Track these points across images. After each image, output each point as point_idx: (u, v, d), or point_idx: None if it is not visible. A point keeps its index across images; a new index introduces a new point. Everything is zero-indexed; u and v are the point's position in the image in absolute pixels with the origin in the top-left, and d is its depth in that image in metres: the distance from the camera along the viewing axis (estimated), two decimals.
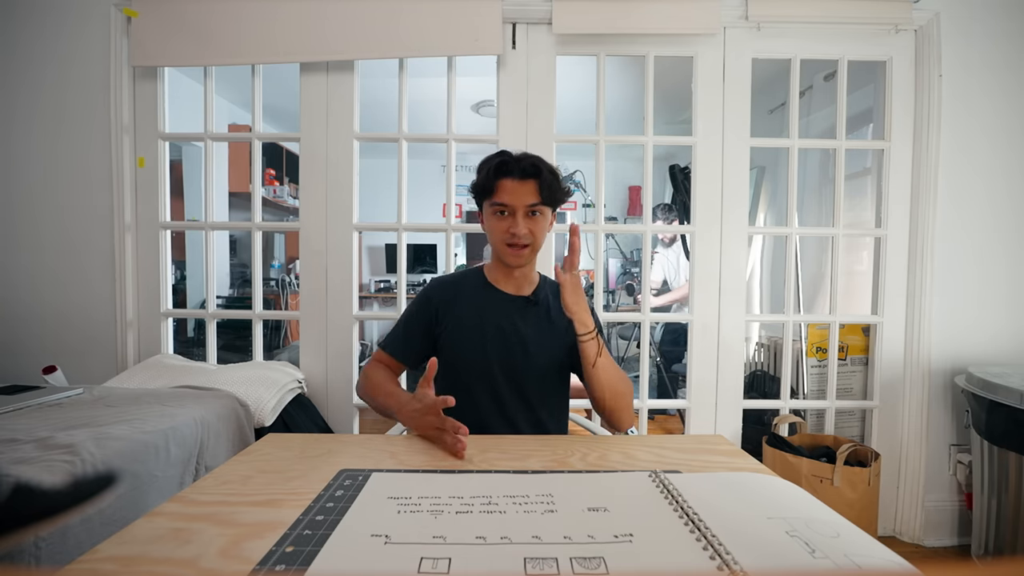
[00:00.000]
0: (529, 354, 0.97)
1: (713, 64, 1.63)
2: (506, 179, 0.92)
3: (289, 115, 3.49)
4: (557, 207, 0.98)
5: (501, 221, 0.93)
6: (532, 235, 0.93)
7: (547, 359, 0.99)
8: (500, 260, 0.99)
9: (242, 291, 3.62)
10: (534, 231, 0.93)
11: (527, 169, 0.92)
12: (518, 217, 0.92)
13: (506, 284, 1.02)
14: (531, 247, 0.94)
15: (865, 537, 0.48)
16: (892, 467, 1.67)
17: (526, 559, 0.44)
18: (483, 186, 0.94)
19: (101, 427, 0.99)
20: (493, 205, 0.93)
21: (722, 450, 0.77)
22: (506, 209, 0.92)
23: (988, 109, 1.62)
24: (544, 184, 0.92)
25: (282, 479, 0.64)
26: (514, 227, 0.91)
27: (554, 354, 0.99)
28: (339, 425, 1.66)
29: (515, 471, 0.66)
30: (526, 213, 0.92)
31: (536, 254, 0.98)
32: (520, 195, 0.91)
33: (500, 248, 0.95)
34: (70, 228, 1.63)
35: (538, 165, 0.92)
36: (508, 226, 0.92)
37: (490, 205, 0.94)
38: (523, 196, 0.91)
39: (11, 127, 1.62)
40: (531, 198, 0.92)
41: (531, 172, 0.92)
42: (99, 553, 0.46)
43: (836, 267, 1.69)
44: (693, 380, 1.68)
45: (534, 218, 0.93)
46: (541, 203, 0.93)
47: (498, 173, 0.92)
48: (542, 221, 0.95)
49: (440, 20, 1.55)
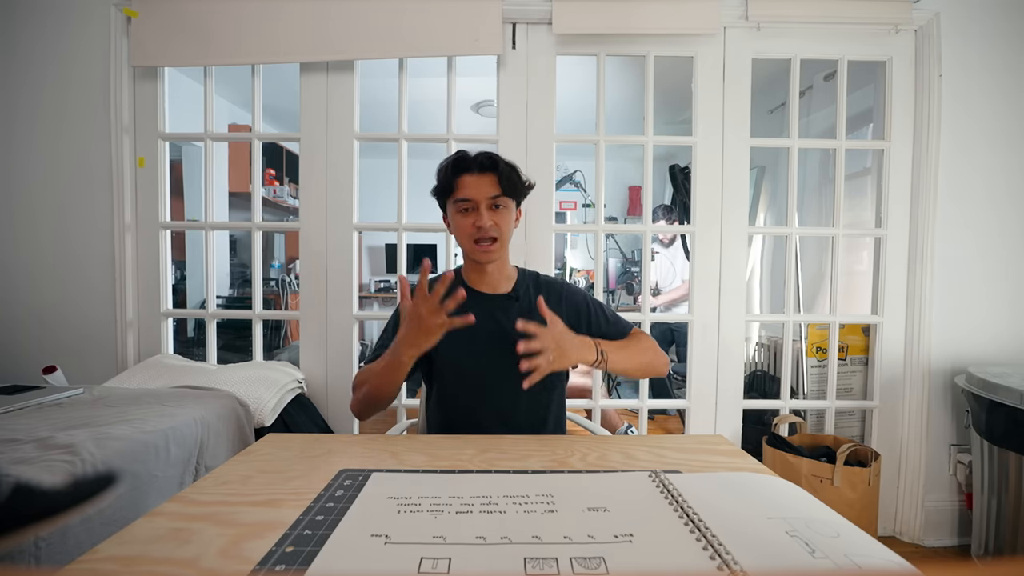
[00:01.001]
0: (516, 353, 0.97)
1: (713, 64, 1.63)
2: (465, 175, 0.93)
3: (289, 115, 3.49)
4: (520, 199, 0.99)
5: (466, 217, 0.93)
6: (498, 227, 0.93)
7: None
8: (471, 259, 0.99)
9: (242, 291, 3.61)
10: (499, 223, 0.93)
11: (484, 163, 0.93)
12: (481, 210, 0.92)
13: (482, 284, 1.01)
14: (499, 240, 0.94)
15: (865, 537, 0.48)
16: (892, 467, 1.67)
17: (526, 559, 0.44)
18: (443, 186, 0.95)
19: (101, 427, 0.99)
20: (456, 202, 0.93)
21: (722, 450, 0.77)
22: (469, 204, 0.92)
23: (988, 109, 1.62)
24: (503, 176, 0.93)
25: (282, 479, 0.64)
26: (479, 220, 0.92)
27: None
28: (339, 425, 1.66)
29: (515, 471, 0.66)
30: (489, 206, 0.92)
31: (505, 248, 0.98)
32: (481, 187, 0.92)
33: (468, 246, 0.95)
34: (70, 228, 1.63)
35: (494, 158, 0.94)
36: (473, 220, 0.92)
37: (453, 203, 0.94)
38: (484, 188, 0.92)
39: (11, 127, 1.62)
40: (492, 190, 0.92)
41: (488, 165, 0.93)
42: (99, 553, 0.46)
43: (836, 267, 1.69)
44: (693, 380, 1.68)
45: (498, 211, 0.94)
46: (503, 194, 0.93)
47: (456, 170, 0.93)
48: (506, 214, 0.95)
49: (440, 20, 1.55)
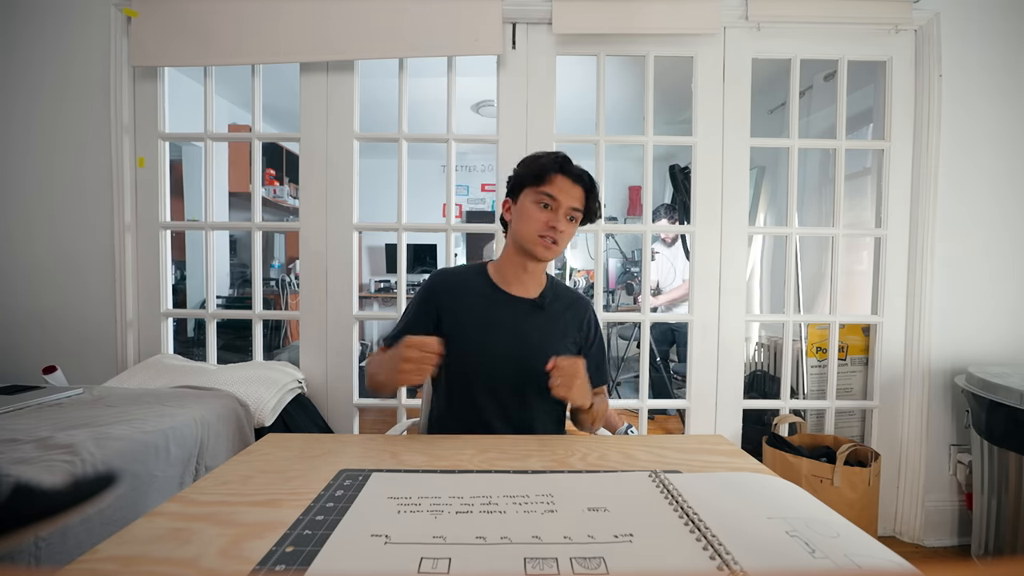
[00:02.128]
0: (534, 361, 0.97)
1: (713, 64, 1.63)
2: (561, 176, 0.94)
3: (289, 115, 3.49)
4: (584, 224, 1.02)
5: (543, 212, 0.94)
6: (564, 235, 0.95)
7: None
8: (522, 253, 0.98)
9: (242, 291, 3.61)
10: (566, 233, 0.96)
11: (582, 176, 0.96)
12: (560, 213, 0.93)
13: (515, 285, 1.01)
14: (558, 246, 0.96)
15: (865, 537, 0.48)
16: (892, 467, 1.67)
17: (526, 559, 0.44)
18: (536, 174, 0.95)
19: (101, 427, 0.99)
20: (539, 194, 0.94)
21: (722, 450, 0.77)
22: (553, 202, 0.93)
23: (988, 109, 1.62)
24: (590, 197, 0.97)
25: (282, 479, 0.64)
26: (555, 220, 0.93)
27: None
28: (339, 425, 1.66)
29: (515, 471, 0.66)
30: (567, 213, 0.94)
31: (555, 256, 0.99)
32: (570, 194, 0.94)
33: (532, 238, 0.94)
34: (70, 228, 1.63)
35: (591, 179, 0.97)
36: (549, 219, 0.93)
37: (535, 192, 0.94)
38: (572, 197, 0.94)
39: (11, 127, 1.62)
40: (577, 202, 0.95)
41: (585, 180, 0.96)
42: (99, 553, 0.46)
43: (836, 267, 1.69)
44: (693, 380, 1.68)
45: (570, 223, 0.96)
46: (581, 210, 0.96)
47: (557, 167, 0.94)
48: (573, 228, 0.98)
49: (440, 20, 1.55)
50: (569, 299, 1.06)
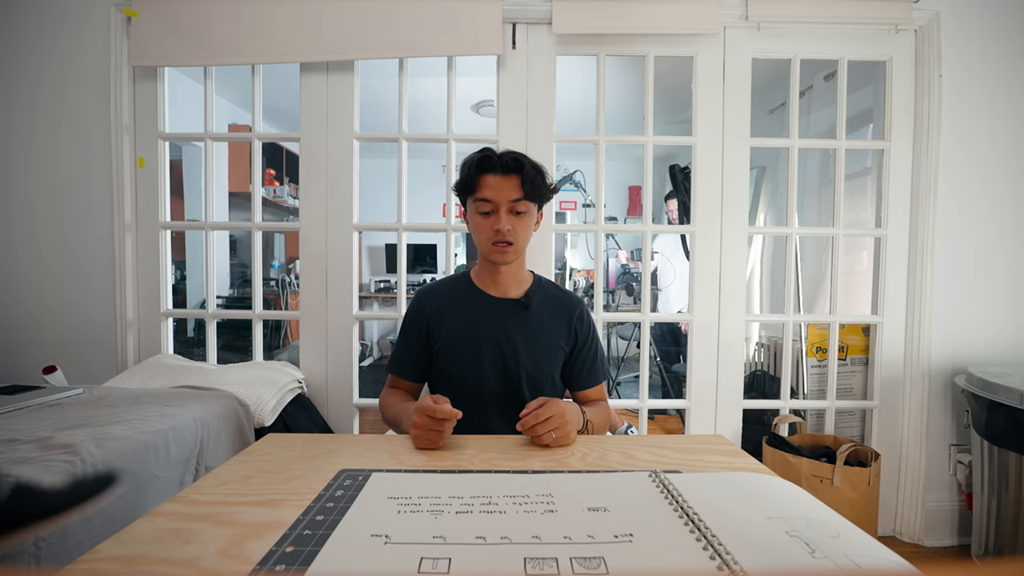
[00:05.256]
0: (522, 362, 0.97)
1: (713, 64, 1.63)
2: (488, 175, 0.91)
3: (289, 115, 3.48)
4: (543, 203, 0.98)
5: (485, 219, 0.93)
6: (515, 232, 0.92)
7: (540, 368, 0.99)
8: (486, 259, 0.98)
9: (242, 291, 3.62)
10: (517, 228, 0.92)
11: (509, 164, 0.91)
12: (501, 213, 0.91)
13: (494, 287, 1.01)
14: (515, 246, 0.93)
15: (865, 537, 0.48)
16: (892, 467, 1.67)
17: (526, 559, 0.44)
18: (466, 183, 0.94)
19: (101, 427, 0.99)
20: (476, 201, 0.93)
21: (722, 450, 0.77)
22: (490, 206, 0.91)
23: (988, 109, 1.62)
24: (527, 179, 0.91)
25: (282, 479, 0.64)
26: (497, 223, 0.91)
27: (547, 365, 1.00)
28: (339, 425, 1.66)
29: (515, 471, 0.66)
30: (510, 210, 0.91)
31: (521, 252, 0.97)
32: (503, 190, 0.90)
33: (485, 247, 0.94)
34: (70, 228, 1.63)
35: (520, 160, 0.92)
36: (492, 223, 0.92)
37: (473, 202, 0.93)
38: (506, 191, 0.91)
39: (11, 127, 1.62)
40: (514, 193, 0.91)
41: (513, 167, 0.91)
42: (99, 553, 0.46)
43: (836, 267, 1.69)
44: (693, 380, 1.68)
45: (519, 217, 0.93)
46: (524, 198, 0.92)
47: (480, 168, 0.92)
48: (526, 219, 0.94)
49: (440, 20, 1.55)
50: (557, 298, 1.04)
